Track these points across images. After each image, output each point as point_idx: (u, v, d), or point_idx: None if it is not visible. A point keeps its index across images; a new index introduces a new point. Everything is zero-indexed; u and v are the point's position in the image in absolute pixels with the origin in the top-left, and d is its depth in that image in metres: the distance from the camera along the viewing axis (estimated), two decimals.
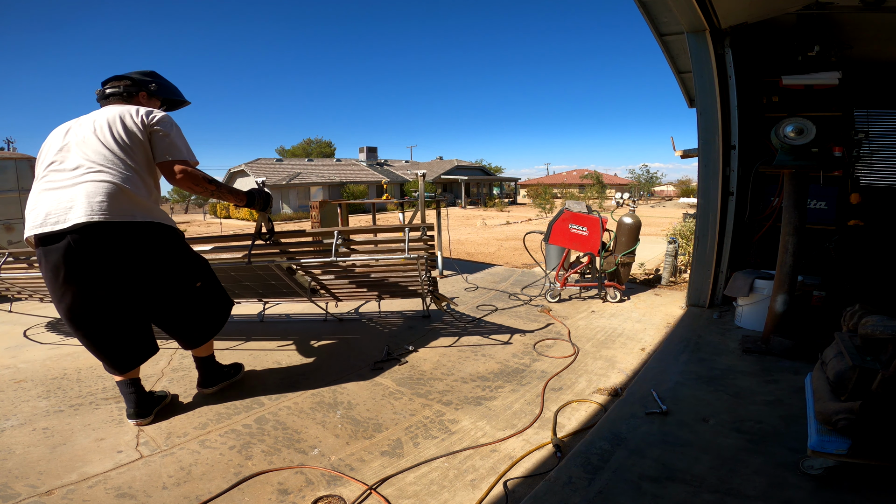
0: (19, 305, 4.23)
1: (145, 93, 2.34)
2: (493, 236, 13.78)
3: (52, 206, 1.93)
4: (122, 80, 2.27)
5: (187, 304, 2.29)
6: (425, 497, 1.66)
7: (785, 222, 2.75)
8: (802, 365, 2.60)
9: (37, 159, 2.14)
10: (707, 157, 3.70)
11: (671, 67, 4.87)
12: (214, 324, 2.44)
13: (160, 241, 2.10)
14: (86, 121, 2.09)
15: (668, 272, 5.10)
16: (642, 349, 3.10)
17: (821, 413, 1.64)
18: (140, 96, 2.31)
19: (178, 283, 2.22)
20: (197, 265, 2.34)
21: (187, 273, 2.26)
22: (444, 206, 6.37)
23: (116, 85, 2.25)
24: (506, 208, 33.01)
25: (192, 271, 2.29)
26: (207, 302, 2.38)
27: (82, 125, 2.07)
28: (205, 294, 2.35)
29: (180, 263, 2.22)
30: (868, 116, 3.88)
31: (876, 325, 1.60)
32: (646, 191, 55.88)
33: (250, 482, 1.75)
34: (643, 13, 3.72)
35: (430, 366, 2.86)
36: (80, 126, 2.07)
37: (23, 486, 1.73)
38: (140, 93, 2.31)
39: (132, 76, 2.32)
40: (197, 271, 2.32)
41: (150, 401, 2.27)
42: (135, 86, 2.29)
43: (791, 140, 2.62)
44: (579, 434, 2.07)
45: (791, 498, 1.54)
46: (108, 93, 2.24)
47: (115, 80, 2.28)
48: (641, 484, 1.64)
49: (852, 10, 3.16)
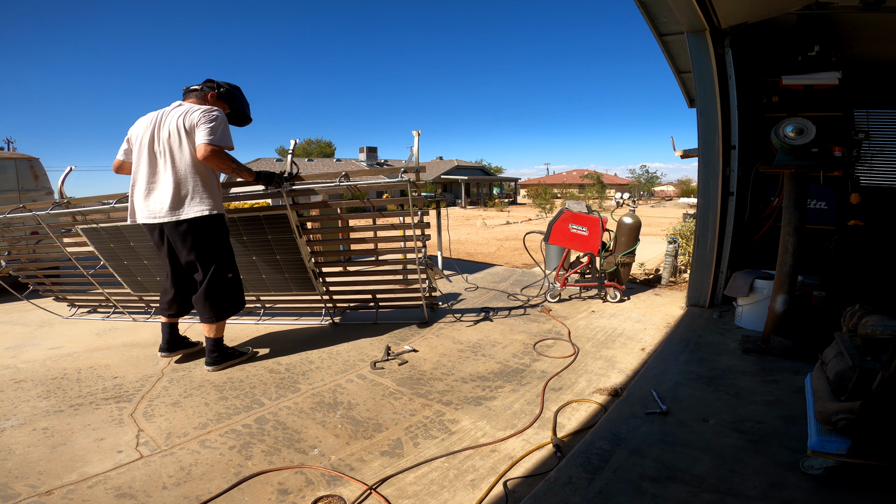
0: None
1: (214, 93, 2.80)
2: (493, 236, 13.78)
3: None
4: (207, 82, 2.83)
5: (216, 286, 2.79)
6: (425, 497, 1.66)
7: (785, 222, 2.75)
8: (802, 365, 2.60)
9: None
10: (707, 157, 3.70)
11: (671, 67, 4.87)
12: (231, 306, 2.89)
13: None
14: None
15: (668, 272, 5.10)
16: (642, 349, 3.10)
17: (821, 413, 1.64)
18: (209, 96, 2.79)
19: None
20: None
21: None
22: (444, 206, 6.37)
23: (199, 85, 2.80)
24: (506, 208, 33.01)
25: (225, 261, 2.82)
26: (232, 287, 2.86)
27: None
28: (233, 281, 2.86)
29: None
30: (868, 116, 3.88)
31: (876, 325, 1.60)
32: (646, 191, 55.90)
33: (250, 482, 1.75)
34: (643, 13, 3.72)
35: (430, 366, 2.86)
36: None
37: (23, 486, 1.73)
38: (210, 93, 2.79)
39: (215, 81, 2.84)
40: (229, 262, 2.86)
41: (179, 342, 3.03)
42: (208, 87, 2.80)
43: (791, 140, 2.61)
44: (579, 434, 2.07)
45: (791, 498, 1.54)
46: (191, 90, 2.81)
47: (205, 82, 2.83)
48: (641, 484, 1.64)
49: (852, 10, 3.16)
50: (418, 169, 3.01)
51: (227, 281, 2.81)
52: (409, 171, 3.01)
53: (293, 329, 3.63)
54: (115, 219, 3.45)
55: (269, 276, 3.51)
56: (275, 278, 3.51)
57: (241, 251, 3.33)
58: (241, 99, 2.95)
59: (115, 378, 2.75)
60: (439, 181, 39.68)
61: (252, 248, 3.36)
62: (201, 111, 2.56)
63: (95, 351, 3.24)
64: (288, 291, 3.61)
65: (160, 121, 2.62)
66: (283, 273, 3.44)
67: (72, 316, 4.20)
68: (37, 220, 3.57)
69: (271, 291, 3.66)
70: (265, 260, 3.39)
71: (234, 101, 2.89)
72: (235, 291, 2.89)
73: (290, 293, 3.63)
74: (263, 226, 3.21)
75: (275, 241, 3.26)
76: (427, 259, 3.22)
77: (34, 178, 5.59)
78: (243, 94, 2.99)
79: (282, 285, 3.56)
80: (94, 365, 2.96)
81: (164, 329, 2.99)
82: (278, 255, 3.33)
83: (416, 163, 3.00)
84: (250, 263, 3.44)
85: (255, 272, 3.51)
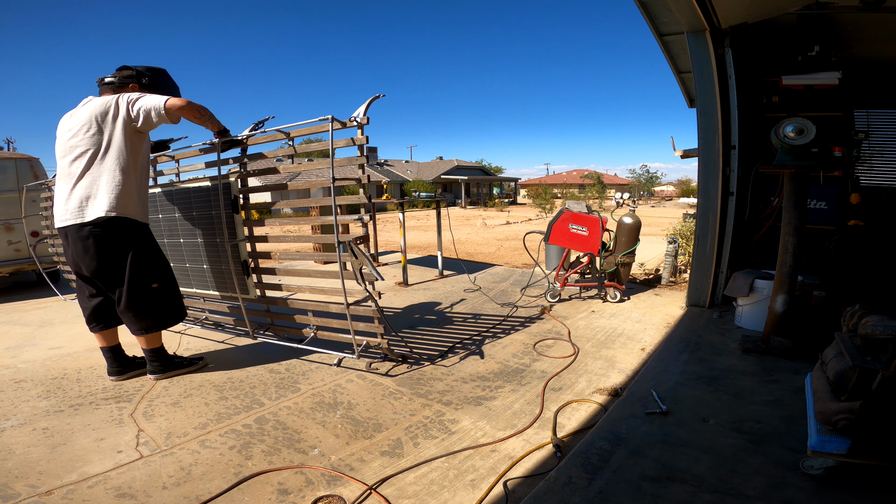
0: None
1: (136, 85, 2.49)
2: (493, 236, 13.78)
3: None
4: (121, 71, 2.48)
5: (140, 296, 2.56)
6: (425, 497, 1.66)
7: (785, 222, 2.75)
8: (802, 365, 2.60)
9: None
10: (707, 157, 3.70)
11: (671, 67, 4.87)
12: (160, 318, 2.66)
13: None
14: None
15: (668, 272, 5.09)
16: (642, 349, 3.10)
17: (821, 413, 1.64)
18: (130, 88, 2.48)
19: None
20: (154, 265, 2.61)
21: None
22: (444, 206, 6.38)
23: (115, 75, 2.48)
24: (506, 208, 33.00)
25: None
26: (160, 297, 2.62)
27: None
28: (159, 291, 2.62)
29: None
30: (868, 116, 3.88)
31: (876, 325, 1.60)
32: (646, 191, 55.89)
33: (250, 482, 1.75)
34: (643, 13, 3.72)
35: (429, 366, 2.86)
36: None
37: (23, 486, 1.73)
38: (131, 84, 2.48)
39: (133, 68, 2.49)
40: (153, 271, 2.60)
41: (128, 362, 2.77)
42: (129, 78, 2.49)
43: (791, 140, 2.61)
44: (579, 434, 2.07)
45: (791, 498, 1.54)
46: (106, 81, 2.50)
47: (119, 70, 2.48)
48: (641, 484, 1.64)
49: (852, 10, 3.16)
50: (361, 123, 2.47)
51: (152, 291, 2.57)
52: (351, 124, 2.50)
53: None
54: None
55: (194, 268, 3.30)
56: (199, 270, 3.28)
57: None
58: (169, 86, 2.63)
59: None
60: (439, 181, 39.67)
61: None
62: (121, 96, 2.38)
63: (95, 351, 3.24)
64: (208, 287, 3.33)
65: (70, 120, 2.44)
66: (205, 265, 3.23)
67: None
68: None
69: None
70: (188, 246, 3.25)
71: (160, 91, 2.56)
72: (165, 301, 2.64)
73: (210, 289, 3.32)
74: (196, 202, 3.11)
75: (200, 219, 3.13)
76: (356, 245, 2.58)
77: (34, 178, 5.58)
78: (171, 77, 2.66)
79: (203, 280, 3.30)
80: (94, 365, 2.96)
81: (105, 352, 2.72)
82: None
83: (361, 118, 2.47)
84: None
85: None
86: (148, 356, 2.69)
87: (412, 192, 34.04)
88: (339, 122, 2.50)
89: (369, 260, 2.54)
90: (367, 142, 2.53)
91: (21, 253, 5.41)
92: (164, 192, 3.36)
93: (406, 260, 5.43)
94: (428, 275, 5.87)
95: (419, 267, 6.50)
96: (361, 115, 2.46)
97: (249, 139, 2.89)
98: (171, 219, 3.36)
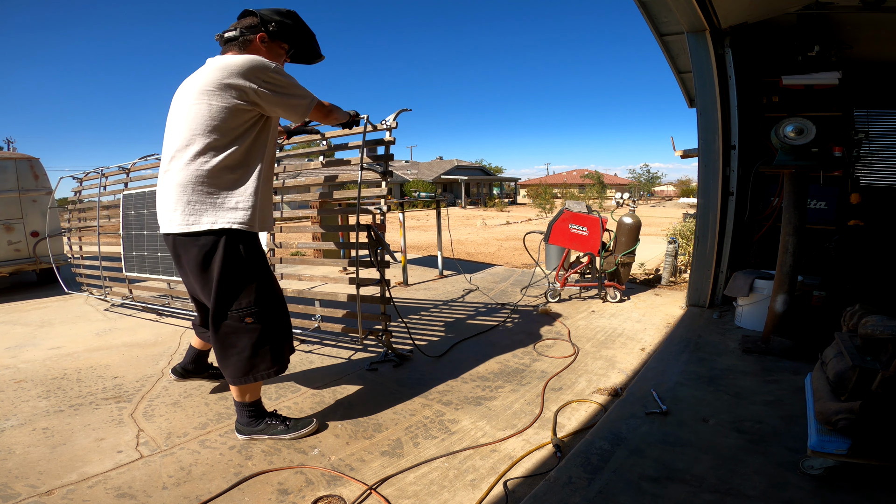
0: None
1: (264, 34, 1.96)
2: (493, 236, 13.77)
3: None
4: (242, 19, 1.96)
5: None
6: (425, 497, 1.66)
7: (785, 222, 2.74)
8: (802, 365, 2.59)
9: None
10: (707, 157, 3.70)
11: (671, 67, 4.87)
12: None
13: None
14: None
15: (668, 272, 5.10)
16: (642, 349, 3.10)
17: (821, 413, 1.64)
18: (258, 39, 1.96)
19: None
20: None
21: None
22: (444, 206, 6.38)
23: (234, 26, 1.95)
24: (506, 208, 33.00)
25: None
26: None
27: None
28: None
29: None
30: (868, 116, 3.88)
31: (876, 325, 1.60)
32: (646, 191, 55.90)
33: (250, 482, 1.75)
34: (643, 13, 3.72)
35: (429, 366, 2.86)
36: None
37: (23, 486, 1.73)
38: (259, 35, 1.95)
39: (257, 12, 1.96)
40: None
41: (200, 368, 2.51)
42: (252, 28, 1.94)
43: (791, 140, 2.61)
44: (579, 434, 2.07)
45: (791, 498, 1.54)
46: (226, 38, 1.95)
47: (240, 17, 1.97)
48: (641, 484, 1.64)
49: (852, 10, 3.16)
50: (391, 127, 2.70)
51: (248, 327, 1.93)
52: (382, 127, 2.68)
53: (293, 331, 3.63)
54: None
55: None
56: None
57: None
58: (302, 30, 2.09)
59: (115, 378, 2.75)
60: (439, 181, 39.68)
61: None
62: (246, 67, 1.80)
63: (95, 351, 3.24)
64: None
65: (182, 89, 1.90)
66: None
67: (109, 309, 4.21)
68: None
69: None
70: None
71: (293, 36, 2.06)
72: (262, 343, 1.95)
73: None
74: None
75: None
76: (375, 233, 2.61)
77: (34, 178, 5.59)
78: (302, 20, 2.08)
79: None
80: (94, 365, 2.96)
81: (190, 349, 2.46)
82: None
83: (391, 122, 2.70)
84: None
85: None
86: (236, 408, 2.09)
87: (412, 191, 34.03)
88: (371, 124, 2.69)
89: (385, 243, 2.73)
90: (395, 143, 2.76)
91: (21, 253, 5.41)
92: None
93: (406, 260, 5.44)
94: (428, 275, 5.87)
95: (419, 267, 6.50)
96: (391, 120, 2.71)
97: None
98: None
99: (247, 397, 2.03)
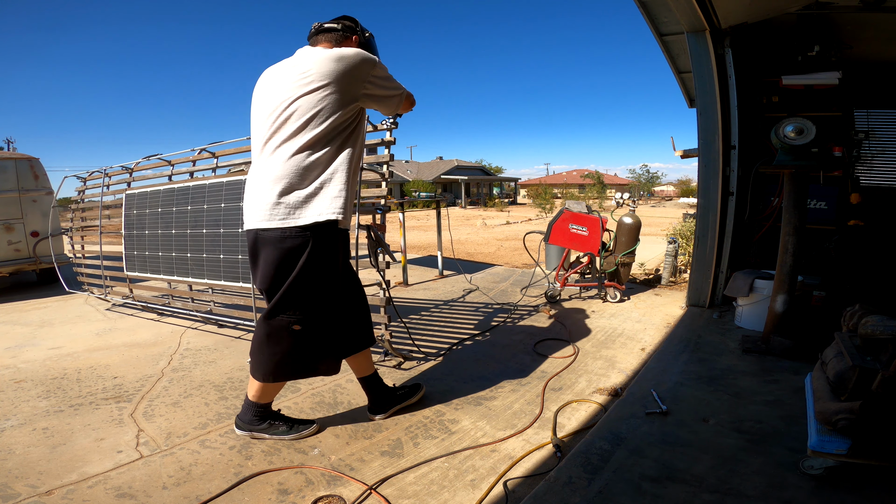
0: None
1: (358, 37, 2.02)
2: (493, 236, 13.77)
3: None
4: (342, 20, 2.01)
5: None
6: (425, 497, 1.66)
7: (785, 222, 2.74)
8: (802, 365, 2.59)
9: None
10: (707, 157, 3.70)
11: (671, 67, 4.87)
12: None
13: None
14: None
15: (668, 272, 5.09)
16: (642, 349, 3.10)
17: (821, 413, 1.64)
18: (354, 40, 2.00)
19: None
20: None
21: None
22: (444, 206, 6.38)
23: (338, 21, 1.99)
24: (506, 208, 33.00)
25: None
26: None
27: None
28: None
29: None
30: (868, 116, 3.87)
31: (876, 325, 1.60)
32: (646, 191, 55.91)
33: (250, 482, 1.75)
34: (643, 13, 3.72)
35: (429, 366, 2.86)
36: None
37: (23, 486, 1.73)
38: (354, 36, 2.00)
39: (358, 22, 2.04)
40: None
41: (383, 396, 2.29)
42: (350, 30, 2.00)
43: (791, 140, 2.61)
44: (579, 434, 2.07)
45: (791, 498, 1.54)
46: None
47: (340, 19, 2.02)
48: (641, 484, 1.64)
49: (852, 10, 3.16)
50: (391, 127, 2.76)
51: (292, 333, 1.90)
52: (382, 127, 2.76)
53: None
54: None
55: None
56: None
57: None
58: (373, 51, 2.13)
59: (115, 378, 2.75)
60: (439, 181, 39.69)
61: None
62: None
63: (95, 351, 3.25)
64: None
65: (275, 77, 1.85)
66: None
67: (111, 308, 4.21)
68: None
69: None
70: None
71: (369, 51, 2.06)
72: (300, 351, 1.94)
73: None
74: None
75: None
76: (375, 233, 2.55)
77: (34, 178, 5.59)
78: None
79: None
80: (94, 365, 2.96)
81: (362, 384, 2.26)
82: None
83: (391, 122, 2.76)
84: None
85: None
86: (244, 405, 2.08)
87: (412, 192, 34.04)
88: (372, 124, 2.75)
89: (385, 244, 2.63)
90: (395, 143, 2.79)
91: (21, 253, 5.41)
92: (180, 189, 3.69)
93: (406, 260, 5.44)
94: (428, 275, 5.87)
95: (419, 267, 6.50)
96: (391, 119, 2.73)
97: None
98: (188, 211, 3.64)
99: (262, 398, 2.02)
